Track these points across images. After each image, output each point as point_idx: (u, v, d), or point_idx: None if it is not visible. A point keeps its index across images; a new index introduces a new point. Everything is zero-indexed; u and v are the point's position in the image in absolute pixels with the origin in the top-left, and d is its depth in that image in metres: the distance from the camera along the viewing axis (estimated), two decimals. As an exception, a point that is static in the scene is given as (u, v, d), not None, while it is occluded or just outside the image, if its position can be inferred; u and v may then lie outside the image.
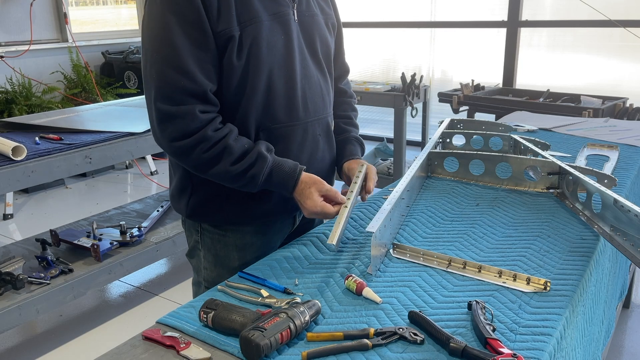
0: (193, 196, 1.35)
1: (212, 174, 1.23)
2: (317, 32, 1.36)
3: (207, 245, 1.40)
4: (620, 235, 1.24)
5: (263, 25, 1.22)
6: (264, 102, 1.26)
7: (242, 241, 1.38)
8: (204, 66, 1.18)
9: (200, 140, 1.18)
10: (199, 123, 1.18)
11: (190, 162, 1.22)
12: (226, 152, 1.20)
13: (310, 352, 0.88)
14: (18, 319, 2.23)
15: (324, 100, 1.40)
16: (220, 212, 1.35)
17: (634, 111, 3.25)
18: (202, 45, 1.17)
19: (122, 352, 0.94)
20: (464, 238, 1.32)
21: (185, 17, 1.15)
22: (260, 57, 1.22)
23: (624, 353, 2.37)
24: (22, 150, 2.23)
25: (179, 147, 1.20)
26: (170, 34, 1.15)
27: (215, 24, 1.17)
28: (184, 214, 1.39)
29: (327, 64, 1.42)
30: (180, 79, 1.16)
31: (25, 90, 4.68)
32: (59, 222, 3.45)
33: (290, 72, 1.28)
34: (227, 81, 1.23)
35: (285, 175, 1.25)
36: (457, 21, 5.01)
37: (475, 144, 1.94)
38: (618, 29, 4.03)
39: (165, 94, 1.17)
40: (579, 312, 1.08)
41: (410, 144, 4.67)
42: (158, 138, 1.23)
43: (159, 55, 1.17)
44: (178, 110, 1.17)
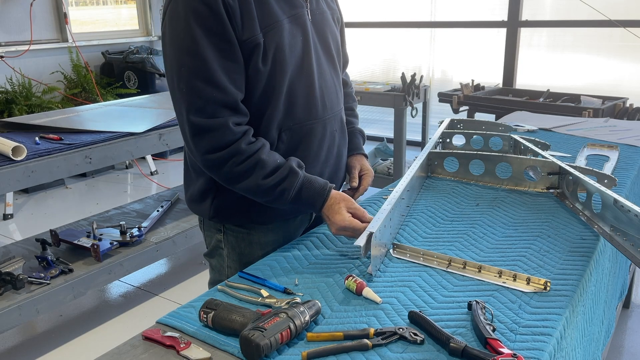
0: (217, 199, 1.35)
1: (242, 187, 1.24)
2: (328, 29, 1.37)
3: (232, 244, 1.41)
4: (620, 235, 1.24)
5: (284, 28, 1.23)
6: (286, 103, 1.27)
7: (265, 238, 1.39)
8: (232, 76, 1.19)
9: (233, 154, 1.20)
10: (233, 136, 1.19)
11: (223, 175, 1.23)
12: (258, 166, 1.21)
13: (310, 352, 0.88)
14: (18, 319, 2.23)
15: (337, 95, 1.42)
16: (244, 213, 1.36)
17: (634, 111, 3.25)
18: (230, 55, 1.18)
19: (122, 352, 0.94)
20: (464, 238, 1.32)
21: (211, 29, 1.15)
22: (284, 61, 1.23)
23: (624, 353, 2.37)
24: (22, 150, 2.23)
25: (212, 159, 1.21)
26: (198, 46, 1.15)
27: (240, 33, 1.17)
28: (207, 216, 1.39)
29: (338, 60, 1.44)
30: (212, 91, 1.17)
31: (25, 90, 4.68)
32: (59, 222, 3.45)
33: (308, 72, 1.30)
34: (254, 87, 1.24)
35: (315, 192, 1.25)
36: (457, 21, 5.01)
37: (475, 144, 1.94)
38: (618, 29, 4.03)
39: (198, 106, 1.17)
40: (579, 312, 1.08)
41: (410, 144, 4.67)
42: (192, 151, 1.24)
43: (187, 69, 1.17)
44: (212, 123, 1.18)
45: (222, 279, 1.44)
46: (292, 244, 1.32)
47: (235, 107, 1.20)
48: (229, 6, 1.15)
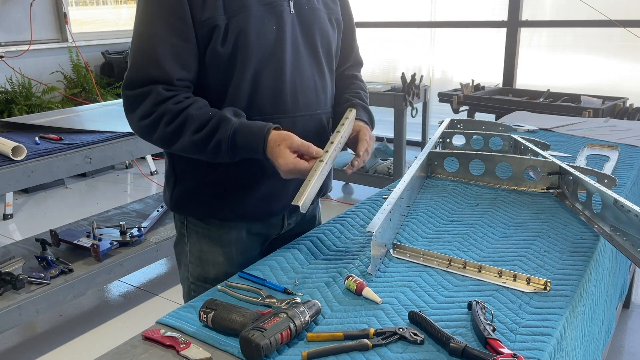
0: (177, 187, 1.35)
1: (178, 148, 1.21)
2: (317, 27, 1.32)
3: (193, 239, 1.39)
4: (621, 235, 1.24)
5: (252, 14, 1.20)
6: (250, 92, 1.24)
7: (227, 236, 1.35)
8: (179, 55, 1.18)
9: (162, 114, 1.18)
10: (161, 97, 1.17)
11: (157, 139, 1.21)
12: (188, 121, 1.18)
13: (310, 352, 0.88)
14: (18, 319, 2.23)
15: (317, 96, 1.35)
16: (202, 205, 1.33)
17: (634, 111, 3.25)
18: (181, 34, 1.17)
19: (122, 352, 0.94)
20: (464, 238, 1.32)
21: (165, 6, 1.16)
22: (249, 47, 1.20)
23: (624, 353, 2.37)
24: (22, 150, 2.23)
25: (145, 125, 1.20)
26: (149, 22, 1.18)
27: (199, 13, 1.16)
28: (169, 206, 1.39)
29: (327, 60, 1.38)
30: (149, 66, 1.17)
31: (25, 90, 4.68)
32: (59, 222, 3.45)
33: (279, 64, 1.25)
34: (213, 70, 1.22)
35: (253, 135, 1.18)
36: (457, 21, 5.01)
37: (475, 144, 1.94)
38: (618, 29, 4.03)
39: (131, 80, 1.19)
40: (579, 312, 1.08)
41: (410, 144, 4.67)
42: (130, 123, 1.24)
43: (135, 43, 1.20)
44: (141, 92, 1.18)
45: (186, 275, 1.43)
46: (292, 244, 1.32)
47: (170, 84, 1.19)
48: None
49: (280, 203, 1.34)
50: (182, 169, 1.33)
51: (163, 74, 1.17)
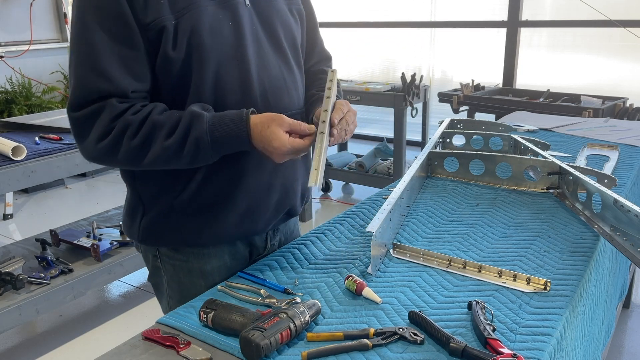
0: (145, 217, 1.20)
1: (150, 161, 1.06)
2: (277, 20, 1.21)
3: (170, 273, 1.26)
4: (621, 235, 1.24)
5: (203, 11, 1.08)
6: (214, 97, 1.12)
7: (207, 266, 1.23)
8: (128, 64, 1.05)
9: (123, 129, 1.04)
10: (118, 110, 1.04)
11: (123, 157, 1.06)
12: (156, 128, 1.04)
13: (310, 352, 0.88)
14: (18, 319, 2.23)
15: (289, 93, 1.23)
16: (177, 231, 1.20)
17: (634, 111, 3.25)
18: (126, 40, 1.04)
19: (122, 352, 0.94)
20: (464, 238, 1.32)
21: (104, 11, 1.02)
22: (204, 48, 1.08)
23: (624, 353, 2.37)
24: (22, 150, 2.23)
25: (105, 146, 1.05)
26: (87, 30, 1.03)
27: (142, 15, 1.03)
28: (137, 239, 1.24)
29: (293, 55, 1.26)
30: (96, 80, 1.03)
31: (25, 90, 4.68)
32: (59, 222, 3.45)
33: (243, 64, 1.13)
34: (166, 76, 1.09)
35: (232, 123, 1.06)
36: (457, 21, 5.01)
37: (475, 144, 1.94)
38: (618, 29, 4.03)
39: (79, 99, 1.04)
40: (579, 312, 1.08)
41: (410, 144, 4.67)
42: (83, 151, 1.08)
43: (75, 56, 1.05)
44: (92, 109, 1.04)
45: (166, 309, 1.32)
46: (292, 244, 1.32)
47: (124, 97, 1.05)
48: None
49: (262, 219, 1.24)
50: (148, 195, 1.19)
51: (115, 88, 1.04)
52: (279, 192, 1.25)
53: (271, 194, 1.23)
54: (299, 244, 1.32)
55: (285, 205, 1.28)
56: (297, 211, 1.36)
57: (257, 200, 1.21)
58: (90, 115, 1.04)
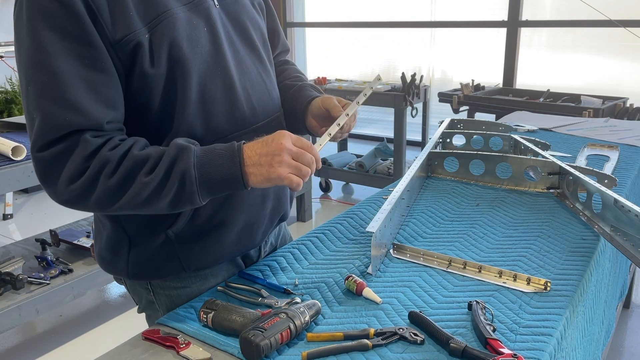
0: (133, 250, 1.09)
1: (128, 201, 0.92)
2: (245, 16, 1.13)
3: (166, 304, 1.16)
4: (621, 235, 1.24)
5: (177, 18, 0.97)
6: (201, 112, 1.02)
7: (205, 286, 1.16)
8: (99, 91, 0.91)
9: (100, 167, 0.90)
10: (93, 147, 0.90)
11: (99, 199, 0.92)
12: (137, 164, 0.92)
13: (310, 353, 0.88)
14: (18, 319, 2.23)
15: (270, 95, 1.17)
16: (171, 262, 1.10)
17: (634, 111, 3.25)
18: (93, 64, 0.90)
19: (122, 352, 0.94)
20: (464, 238, 1.32)
21: (64, 32, 0.88)
22: (184, 59, 0.98)
23: (624, 353, 2.37)
24: (22, 150, 2.23)
25: (78, 188, 0.91)
26: (46, 55, 0.87)
27: (111, 32, 0.91)
28: (125, 275, 1.12)
29: (266, 53, 1.19)
30: (64, 113, 0.88)
31: (25, 90, 4.68)
32: (59, 222, 3.45)
33: (224, 71, 1.05)
34: (147, 97, 0.98)
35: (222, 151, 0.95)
36: (457, 21, 5.01)
37: (475, 144, 1.94)
38: (618, 29, 4.03)
39: (44, 136, 0.89)
40: (579, 312, 1.08)
41: (410, 144, 4.67)
42: (52, 194, 0.94)
43: (33, 87, 0.89)
44: (62, 148, 0.90)
45: None
46: (292, 244, 1.32)
47: (99, 130, 0.92)
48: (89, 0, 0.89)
49: (259, 231, 1.19)
50: (135, 228, 1.08)
51: (87, 120, 0.90)
52: (272, 201, 1.20)
53: (266, 205, 1.18)
54: (299, 244, 1.32)
55: (279, 212, 1.25)
56: (288, 215, 1.31)
57: (254, 213, 1.15)
58: (60, 154, 0.90)
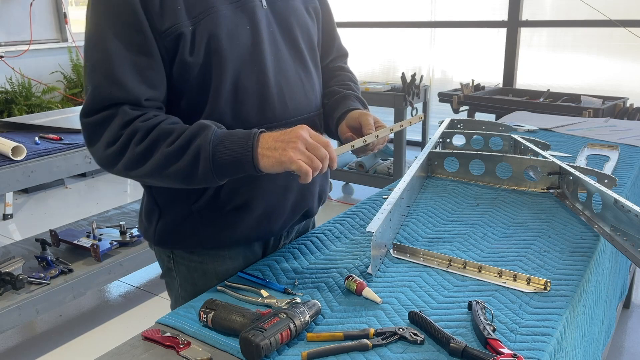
0: (161, 220, 1.20)
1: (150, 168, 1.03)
2: (294, 20, 1.20)
3: (184, 274, 1.26)
4: (621, 235, 1.24)
5: (221, 15, 1.07)
6: (233, 102, 1.11)
7: (222, 267, 1.23)
8: (143, 73, 1.04)
9: (131, 134, 1.02)
10: (129, 117, 1.03)
11: (127, 163, 1.04)
12: (163, 135, 1.02)
13: (310, 352, 0.88)
14: (18, 319, 2.23)
15: (307, 96, 1.23)
16: (193, 235, 1.20)
17: (634, 111, 3.25)
18: (141, 49, 1.03)
19: (122, 352, 0.94)
20: (464, 238, 1.32)
21: (119, 19, 1.02)
22: (222, 52, 1.07)
23: (624, 353, 2.37)
24: (22, 150, 2.23)
25: (113, 152, 1.03)
26: (103, 38, 1.02)
27: (159, 23, 1.03)
28: (153, 241, 1.24)
29: (311, 56, 1.25)
30: (110, 87, 1.02)
31: (25, 90, 4.68)
32: (59, 222, 3.45)
33: (260, 67, 1.12)
34: (185, 82, 1.09)
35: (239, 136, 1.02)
36: (457, 21, 5.01)
37: (475, 144, 1.94)
38: (618, 29, 4.03)
39: (91, 105, 1.04)
40: (579, 312, 1.08)
41: (410, 144, 4.67)
42: (93, 155, 1.07)
43: (91, 64, 1.05)
44: (104, 116, 1.03)
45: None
46: (293, 244, 1.32)
47: (137, 105, 1.04)
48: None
49: (279, 221, 1.25)
50: (165, 200, 1.19)
51: (128, 95, 1.03)
52: (295, 194, 1.25)
53: (288, 196, 1.23)
54: (298, 244, 1.32)
55: (302, 207, 1.29)
56: (314, 212, 1.36)
57: (274, 202, 1.21)
58: (102, 121, 1.03)
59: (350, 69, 1.44)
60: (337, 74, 1.39)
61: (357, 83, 1.40)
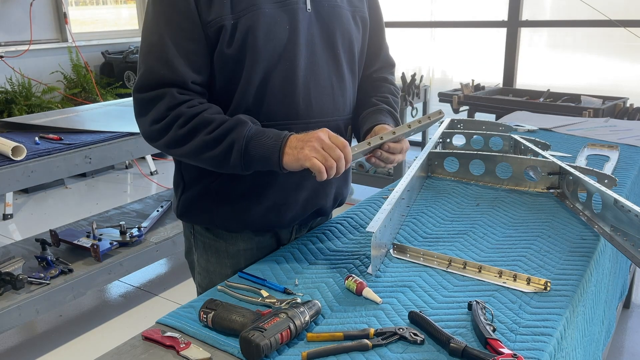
0: (184, 194, 1.31)
1: (186, 150, 1.14)
2: (338, 26, 1.24)
3: (200, 251, 1.36)
4: (621, 235, 1.24)
5: (263, 13, 1.14)
6: (260, 96, 1.18)
7: (234, 247, 1.32)
8: (190, 57, 1.14)
9: (176, 117, 1.13)
10: (175, 100, 1.13)
11: (168, 141, 1.15)
12: (204, 123, 1.12)
13: (310, 352, 0.88)
14: (18, 319, 2.23)
15: (334, 100, 1.27)
16: (207, 212, 1.29)
17: (634, 111, 3.25)
18: (191, 35, 1.13)
19: (122, 352, 0.94)
20: (464, 238, 1.32)
21: (174, 7, 1.12)
22: (257, 48, 1.14)
23: (624, 353, 2.37)
24: (22, 150, 2.23)
25: (157, 129, 1.15)
26: (158, 24, 1.14)
27: (206, 13, 1.12)
28: (176, 213, 1.35)
29: (348, 63, 1.29)
30: (161, 68, 1.13)
31: (25, 90, 4.68)
32: (59, 222, 3.45)
33: (291, 66, 1.18)
34: (219, 73, 1.18)
35: (270, 136, 1.11)
36: (457, 21, 5.01)
37: (475, 144, 1.94)
38: (618, 29, 4.03)
39: (145, 83, 1.15)
40: (579, 312, 1.08)
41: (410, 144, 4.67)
42: (141, 129, 1.19)
43: (146, 45, 1.16)
44: (154, 94, 1.14)
45: (197, 284, 1.41)
46: (293, 244, 1.32)
47: (184, 86, 1.15)
48: None
49: (290, 214, 1.29)
50: (189, 176, 1.29)
51: (177, 77, 1.13)
52: (308, 192, 1.29)
53: (299, 193, 1.28)
54: (299, 244, 1.32)
55: (314, 204, 1.33)
56: (327, 212, 1.40)
57: (285, 197, 1.27)
58: (152, 99, 1.14)
59: (393, 81, 1.45)
60: (379, 85, 1.40)
61: (397, 96, 1.41)
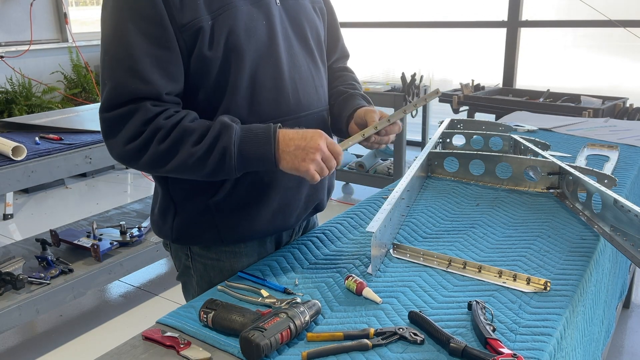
0: (178, 217, 1.22)
1: (175, 166, 1.06)
2: (304, 17, 1.23)
3: (200, 272, 1.28)
4: (621, 235, 1.24)
5: (239, 10, 1.09)
6: (249, 97, 1.14)
7: (238, 264, 1.26)
8: (163, 66, 1.05)
9: (154, 132, 1.04)
10: (150, 114, 1.04)
11: (149, 160, 1.06)
12: (186, 134, 1.05)
13: (310, 352, 0.88)
14: (18, 319, 2.23)
15: (317, 91, 1.26)
16: (210, 230, 1.22)
17: (634, 111, 3.25)
18: (161, 42, 1.04)
19: (122, 352, 0.94)
20: (464, 238, 1.32)
21: (140, 12, 1.03)
22: (240, 48, 1.09)
23: (624, 353, 2.37)
24: (22, 150, 2.23)
25: (133, 148, 1.06)
26: (123, 32, 1.03)
27: (179, 16, 1.04)
28: (170, 238, 1.26)
29: (319, 53, 1.29)
30: (133, 82, 1.03)
31: (25, 90, 4.68)
32: (59, 222, 3.45)
33: (276, 62, 1.15)
34: (203, 76, 1.10)
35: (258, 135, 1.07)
36: (457, 21, 5.01)
37: (475, 144, 1.94)
38: (618, 29, 4.03)
39: (112, 100, 1.05)
40: (579, 312, 1.08)
41: (410, 144, 4.67)
42: (111, 151, 1.10)
43: (109, 57, 1.05)
44: (125, 111, 1.04)
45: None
46: (293, 244, 1.32)
47: (158, 98, 1.06)
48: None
49: (294, 215, 1.28)
50: (181, 196, 1.21)
51: (151, 89, 1.04)
52: (308, 188, 1.29)
53: (302, 190, 1.27)
54: (299, 244, 1.32)
55: (314, 200, 1.33)
56: (324, 206, 1.39)
57: (289, 196, 1.25)
58: (123, 116, 1.05)
59: (352, 70, 1.48)
60: (341, 74, 1.43)
61: (360, 83, 1.44)
